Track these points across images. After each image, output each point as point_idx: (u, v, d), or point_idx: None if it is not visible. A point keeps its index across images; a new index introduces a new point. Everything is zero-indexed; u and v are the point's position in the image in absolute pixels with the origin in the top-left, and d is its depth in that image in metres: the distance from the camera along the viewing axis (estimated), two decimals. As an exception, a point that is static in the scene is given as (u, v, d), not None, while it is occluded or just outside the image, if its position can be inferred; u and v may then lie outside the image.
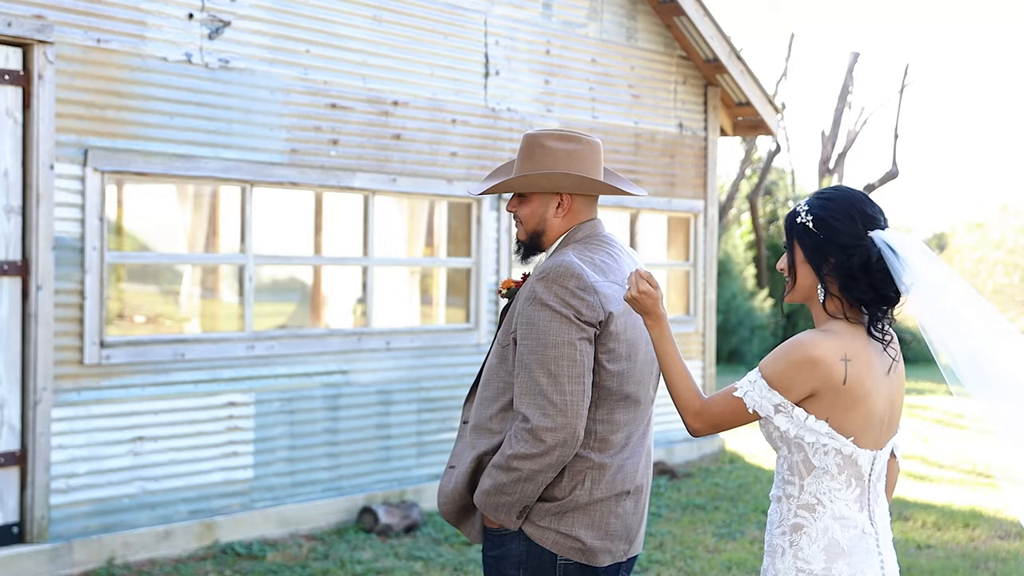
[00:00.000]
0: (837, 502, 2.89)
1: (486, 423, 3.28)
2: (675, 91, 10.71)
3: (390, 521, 8.00)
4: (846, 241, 2.87)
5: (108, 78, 7.05)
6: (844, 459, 2.87)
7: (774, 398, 2.84)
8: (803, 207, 2.94)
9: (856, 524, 2.91)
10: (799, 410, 2.85)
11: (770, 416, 2.86)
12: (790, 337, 3.19)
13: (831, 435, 2.85)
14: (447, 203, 9.23)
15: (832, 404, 2.83)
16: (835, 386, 2.82)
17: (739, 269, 22.96)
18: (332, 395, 8.21)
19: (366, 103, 8.36)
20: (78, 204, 6.92)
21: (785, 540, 2.91)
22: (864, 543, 2.91)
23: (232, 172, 7.62)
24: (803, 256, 2.93)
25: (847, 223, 2.88)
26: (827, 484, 2.89)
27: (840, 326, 2.90)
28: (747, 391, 2.86)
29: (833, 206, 2.90)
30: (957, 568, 7.32)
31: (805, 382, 2.82)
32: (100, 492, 7.07)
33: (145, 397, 7.24)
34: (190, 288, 9.46)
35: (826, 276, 2.90)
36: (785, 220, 3.00)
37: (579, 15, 9.83)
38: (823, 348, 2.82)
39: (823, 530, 2.88)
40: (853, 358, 2.84)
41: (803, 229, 2.92)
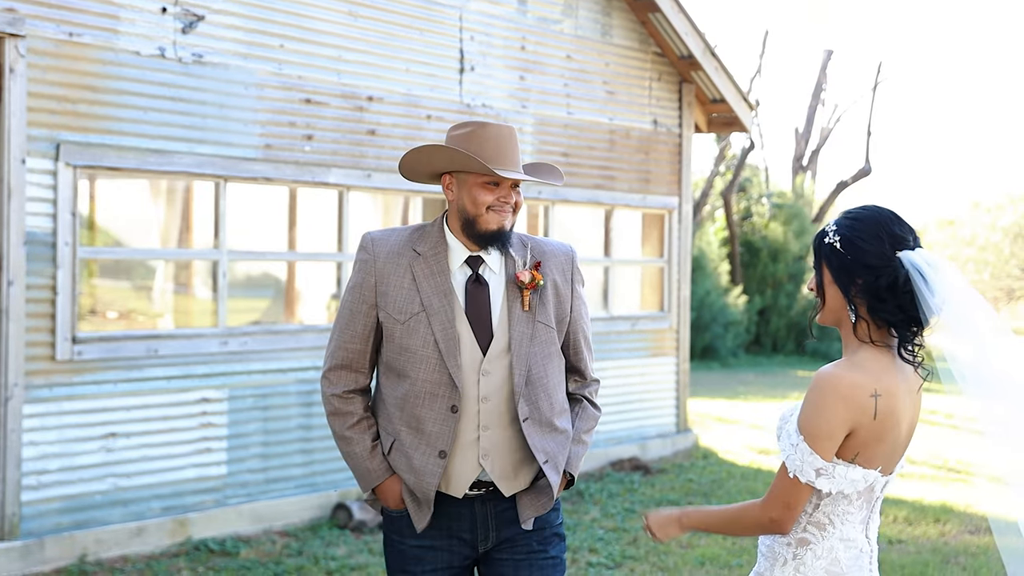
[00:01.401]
0: (847, 524, 2.90)
1: (560, 410, 3.57)
2: (650, 88, 10.73)
3: (364, 517, 7.99)
4: (873, 262, 2.82)
5: (81, 72, 7.00)
6: (865, 486, 2.88)
7: (815, 462, 2.80)
8: (831, 227, 2.89)
9: (857, 544, 2.92)
10: (840, 467, 2.82)
11: (812, 481, 2.81)
12: (765, 336, 3.18)
13: (864, 475, 2.85)
14: (422, 199, 9.21)
15: (865, 439, 2.81)
16: (867, 422, 2.79)
17: (713, 266, 23.04)
18: (306, 391, 8.19)
19: (341, 98, 8.33)
20: (50, 199, 6.87)
21: (789, 551, 2.91)
22: (860, 562, 2.93)
23: (206, 167, 7.59)
24: (831, 277, 2.88)
25: (874, 243, 2.83)
26: (843, 507, 2.88)
27: (867, 355, 2.85)
28: (790, 455, 2.82)
29: (860, 226, 2.86)
30: (928, 563, 7.37)
31: (841, 422, 2.78)
32: (72, 489, 7.02)
33: (117, 393, 7.20)
34: (163, 284, 9.42)
35: (854, 297, 2.85)
36: (814, 240, 2.96)
37: (554, 11, 9.83)
38: (851, 384, 2.78)
39: (828, 549, 2.88)
40: (883, 392, 2.80)
41: (830, 250, 2.88)
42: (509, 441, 3.46)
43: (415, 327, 3.43)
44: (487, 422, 3.44)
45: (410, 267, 3.49)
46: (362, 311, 3.50)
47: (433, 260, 3.50)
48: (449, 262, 3.51)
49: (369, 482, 3.51)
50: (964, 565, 7.36)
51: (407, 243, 3.53)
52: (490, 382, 3.45)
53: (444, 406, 3.42)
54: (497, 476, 3.46)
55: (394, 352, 3.47)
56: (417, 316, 3.45)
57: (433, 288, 3.47)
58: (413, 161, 3.53)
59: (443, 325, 3.43)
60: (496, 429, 3.45)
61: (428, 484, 3.43)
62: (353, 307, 3.51)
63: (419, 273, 3.48)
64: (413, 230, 3.59)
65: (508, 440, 3.46)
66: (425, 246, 3.52)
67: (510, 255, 3.55)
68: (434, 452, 3.42)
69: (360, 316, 3.50)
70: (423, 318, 3.44)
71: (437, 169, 3.53)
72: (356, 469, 3.55)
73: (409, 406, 3.45)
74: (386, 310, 3.48)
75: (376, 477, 3.50)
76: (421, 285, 3.47)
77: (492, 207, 3.46)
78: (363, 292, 3.50)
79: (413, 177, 3.61)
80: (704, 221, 25.44)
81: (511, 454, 3.47)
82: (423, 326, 3.43)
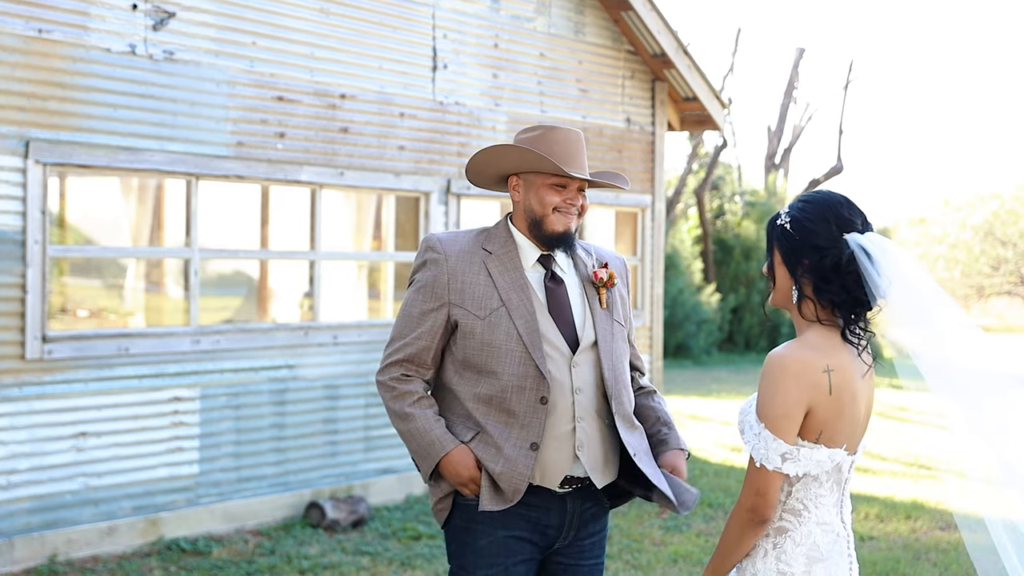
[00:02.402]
0: (821, 508, 2.92)
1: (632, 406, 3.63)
2: (623, 86, 10.74)
3: (337, 516, 7.97)
4: (820, 242, 2.89)
5: (50, 69, 6.95)
6: (833, 467, 2.91)
7: (779, 447, 2.83)
8: (784, 210, 2.98)
9: (833, 528, 2.95)
10: (804, 449, 2.84)
11: (779, 467, 2.84)
12: (738, 333, 3.21)
13: (830, 455, 2.87)
14: (395, 197, 9.20)
15: (824, 417, 2.84)
16: (824, 398, 2.83)
17: (686, 264, 23.10)
18: (279, 390, 8.16)
19: (313, 96, 8.31)
20: (19, 197, 6.82)
21: (768, 542, 2.92)
22: (838, 546, 2.96)
23: (177, 165, 7.54)
24: (780, 258, 2.96)
25: (822, 225, 2.90)
26: (814, 491, 2.91)
27: (816, 333, 2.90)
28: (753, 445, 2.85)
29: (810, 208, 2.93)
30: (899, 559, 7.42)
31: (798, 401, 2.81)
32: (42, 488, 6.97)
33: (88, 392, 7.15)
34: (134, 282, 9.36)
35: (800, 278, 2.92)
36: (767, 224, 3.03)
37: (527, 9, 9.83)
38: (801, 362, 2.82)
39: (807, 535, 2.91)
40: (835, 368, 2.85)
41: (781, 231, 2.95)
42: (599, 433, 3.53)
43: (497, 322, 3.45)
44: (581, 414, 3.49)
45: (484, 264, 3.52)
46: (433, 308, 3.50)
47: (505, 258, 3.54)
48: (521, 260, 3.56)
49: (437, 452, 3.44)
50: (935, 561, 7.41)
51: (475, 243, 3.57)
52: (580, 375, 3.50)
53: (533, 398, 3.44)
54: (591, 468, 3.49)
55: (474, 348, 3.47)
56: (497, 311, 3.47)
57: (509, 284, 3.50)
58: (482, 163, 3.58)
59: (525, 319, 3.46)
60: (589, 421, 3.50)
61: (520, 474, 3.41)
62: (424, 305, 3.51)
63: (493, 270, 3.52)
64: (478, 232, 3.63)
65: (598, 432, 3.52)
66: (495, 245, 3.56)
67: (577, 256, 3.64)
68: (526, 444, 3.43)
69: (431, 314, 3.50)
70: (503, 313, 3.46)
71: (505, 170, 3.57)
72: (420, 444, 3.47)
73: (497, 401, 3.45)
74: (464, 307, 3.48)
75: (443, 446, 3.43)
76: (497, 281, 3.50)
77: (558, 208, 3.51)
78: (435, 290, 3.50)
79: (479, 181, 3.66)
80: (677, 219, 25.51)
81: (601, 446, 3.53)
82: (505, 320, 3.45)
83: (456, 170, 9.24)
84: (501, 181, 3.64)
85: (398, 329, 3.54)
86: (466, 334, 3.47)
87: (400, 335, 3.53)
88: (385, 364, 3.54)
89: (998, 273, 30.08)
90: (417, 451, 3.48)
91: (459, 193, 9.26)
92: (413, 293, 3.54)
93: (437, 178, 9.12)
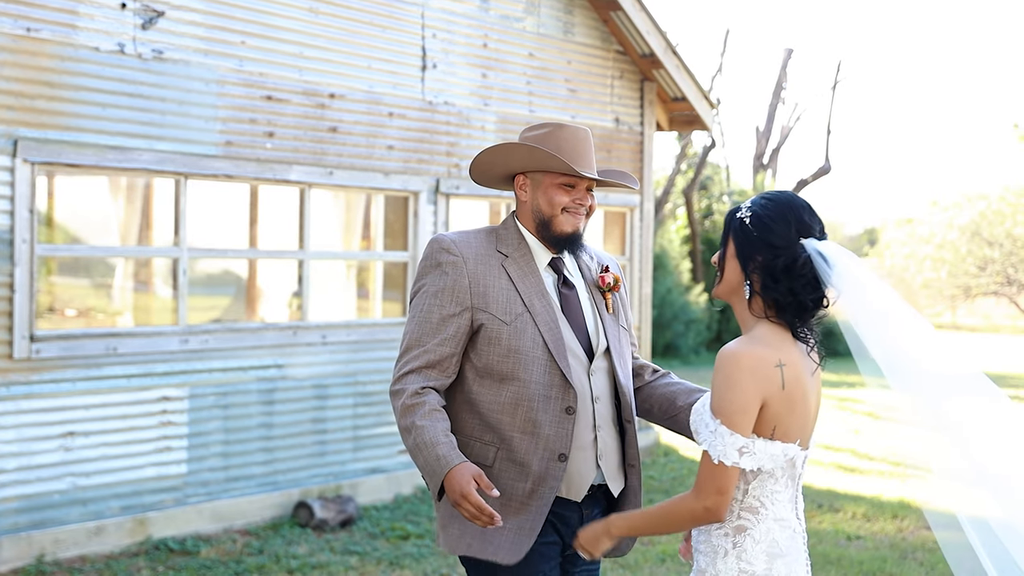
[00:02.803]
0: (777, 504, 2.94)
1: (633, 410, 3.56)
2: (612, 86, 10.76)
3: (326, 516, 7.97)
4: (777, 242, 2.91)
5: (38, 68, 6.93)
6: (787, 462, 2.93)
7: (736, 441, 2.84)
8: (746, 204, 2.98)
9: (790, 524, 2.97)
10: (759, 442, 2.86)
11: (736, 462, 2.85)
12: (726, 333, 3.24)
13: (784, 450, 2.90)
14: (384, 196, 9.20)
15: (777, 411, 2.86)
16: (777, 392, 2.85)
17: (674, 263, 23.13)
18: (267, 389, 8.15)
19: (302, 95, 8.30)
20: (7, 196, 6.81)
21: (728, 541, 2.93)
22: (796, 542, 2.98)
23: (166, 164, 7.54)
24: (734, 251, 2.96)
25: (781, 225, 2.92)
26: (770, 487, 2.93)
27: (765, 329, 2.93)
28: (710, 442, 2.86)
29: (773, 207, 2.94)
30: (886, 558, 7.44)
31: (753, 396, 2.83)
32: (29, 488, 6.96)
33: (76, 392, 7.14)
34: (122, 281, 9.34)
35: (751, 273, 2.94)
36: (726, 215, 3.04)
37: (516, 9, 9.83)
38: (754, 357, 2.84)
39: (766, 532, 2.92)
40: (787, 363, 2.88)
41: (740, 225, 2.96)
42: (615, 441, 3.47)
43: (522, 328, 3.34)
44: (600, 422, 3.43)
45: (503, 268, 3.41)
46: (455, 313, 3.35)
47: (522, 261, 3.44)
48: (536, 263, 3.46)
49: (443, 467, 3.19)
50: (922, 561, 7.44)
51: (489, 244, 3.45)
52: (597, 383, 3.43)
53: (558, 408, 3.33)
54: (609, 476, 3.44)
55: (499, 355, 3.34)
56: (522, 316, 3.35)
57: (531, 288, 3.40)
58: (488, 162, 3.49)
59: (548, 326, 3.36)
60: (606, 429, 3.44)
61: (550, 488, 3.31)
62: (443, 310, 3.35)
63: (513, 274, 3.40)
64: (487, 232, 3.51)
65: (614, 440, 3.47)
66: (508, 247, 3.45)
67: (582, 259, 3.56)
68: (553, 456, 3.31)
69: (453, 319, 3.34)
70: (528, 319, 3.35)
71: (512, 169, 3.48)
72: (427, 458, 3.23)
73: (523, 410, 3.32)
74: (489, 311, 3.35)
75: (449, 460, 3.19)
76: (519, 285, 3.39)
77: (567, 208, 3.42)
78: (456, 294, 3.36)
79: (484, 180, 3.57)
80: (666, 219, 25.54)
81: (616, 453, 3.48)
82: (530, 327, 3.34)
83: (445, 170, 9.24)
84: (506, 180, 3.55)
85: (415, 336, 3.36)
86: (491, 340, 3.34)
87: (418, 342, 3.35)
88: (403, 372, 3.34)
89: (985, 273, 30.18)
90: (424, 467, 3.27)
91: (448, 193, 9.26)
92: (430, 298, 3.37)
93: (426, 178, 9.12)
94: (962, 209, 30.61)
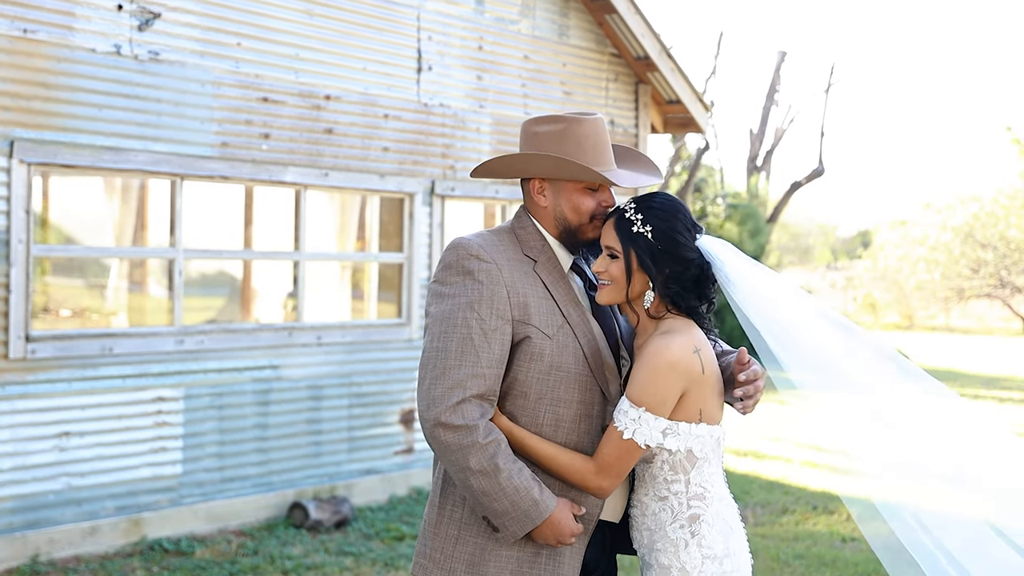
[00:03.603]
0: (717, 485, 3.07)
1: None
2: (606, 88, 10.78)
3: (320, 516, 7.99)
4: (687, 255, 3.00)
5: (35, 69, 6.94)
6: (714, 443, 3.05)
7: (660, 424, 2.95)
8: (637, 215, 3.00)
9: (730, 500, 3.12)
10: (683, 424, 2.98)
11: (661, 444, 2.97)
12: (720, 334, 3.29)
13: (710, 431, 3.02)
14: (379, 198, 9.21)
15: (699, 395, 2.99)
16: (697, 378, 2.98)
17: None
18: (262, 390, 8.17)
19: (298, 97, 8.32)
20: (4, 196, 6.82)
21: (686, 532, 3.02)
22: (737, 517, 3.12)
23: (162, 165, 7.55)
24: (637, 263, 3.01)
25: (686, 236, 3.02)
26: (707, 471, 3.05)
27: (672, 321, 3.05)
28: (635, 429, 2.94)
29: (669, 217, 3.01)
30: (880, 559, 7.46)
31: (675, 387, 2.95)
32: (24, 488, 6.97)
33: (72, 392, 7.15)
34: (117, 282, 9.35)
35: (657, 284, 3.01)
36: (616, 223, 3.02)
37: (512, 11, 9.85)
38: (676, 348, 2.95)
39: (716, 514, 3.04)
40: (701, 345, 3.01)
41: (642, 239, 2.99)
42: None
43: (564, 342, 3.03)
44: None
45: (537, 274, 3.08)
46: (497, 328, 2.97)
47: (549, 265, 3.11)
48: (562, 267, 3.15)
49: (542, 512, 2.94)
50: (914, 562, 7.46)
51: (515, 248, 3.11)
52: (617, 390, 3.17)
53: (597, 427, 3.09)
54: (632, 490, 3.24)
55: (540, 373, 3.01)
56: (562, 329, 3.04)
57: (564, 296, 3.09)
58: (504, 169, 3.18)
59: (587, 338, 3.07)
60: None
61: (592, 515, 3.08)
62: (484, 325, 2.96)
63: (547, 280, 3.08)
64: (507, 233, 3.16)
65: None
66: (533, 251, 3.12)
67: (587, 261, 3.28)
68: (553, 498, 3.00)
69: (496, 335, 2.97)
70: (568, 331, 3.05)
71: (531, 175, 3.14)
72: (513, 503, 2.92)
73: (563, 432, 3.04)
74: (531, 323, 3.00)
75: (547, 507, 2.95)
76: (553, 293, 3.07)
77: (596, 215, 3.12)
78: (495, 306, 2.98)
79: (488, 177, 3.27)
80: (660, 221, 25.53)
81: None
82: (571, 340, 3.04)
83: (440, 171, 9.26)
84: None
85: (456, 357, 2.93)
86: (533, 356, 3.00)
87: (461, 363, 2.93)
88: (456, 401, 2.90)
89: (978, 275, 30.24)
90: (505, 511, 2.93)
91: (443, 194, 9.28)
92: (465, 310, 2.96)
93: (421, 179, 9.14)
94: (955, 211, 30.67)
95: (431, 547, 3.11)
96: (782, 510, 8.75)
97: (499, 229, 3.18)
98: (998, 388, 17.75)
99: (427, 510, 3.18)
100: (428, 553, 3.12)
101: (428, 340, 3.01)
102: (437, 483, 3.15)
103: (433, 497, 3.16)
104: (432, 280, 3.10)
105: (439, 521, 3.12)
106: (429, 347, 2.99)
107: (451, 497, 3.11)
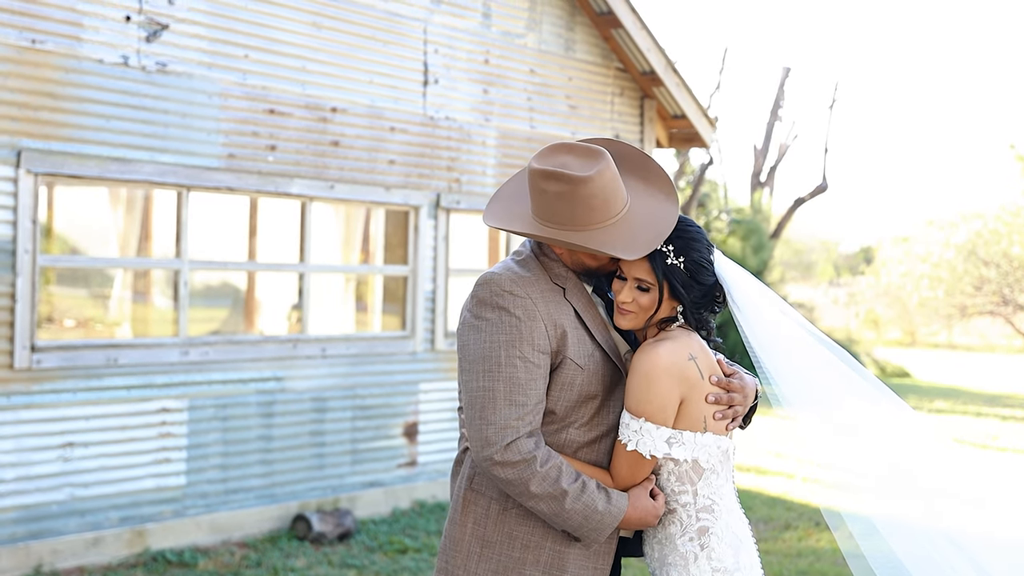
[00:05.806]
0: (726, 497, 3.05)
1: None
2: (612, 103, 10.80)
3: (323, 529, 7.97)
4: (708, 280, 3.05)
5: (42, 79, 6.96)
6: (722, 454, 3.04)
7: (663, 433, 2.95)
8: (669, 247, 3.01)
9: (740, 512, 3.10)
10: (688, 435, 2.98)
11: (668, 453, 2.97)
12: (723, 349, 3.31)
13: (717, 442, 3.02)
14: (384, 210, 9.22)
15: (701, 403, 2.99)
16: (696, 384, 2.98)
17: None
18: (266, 402, 8.16)
19: (305, 109, 8.33)
20: (10, 206, 6.83)
21: (695, 545, 3.01)
22: (748, 529, 3.10)
23: (168, 176, 7.56)
24: (669, 292, 3.03)
25: (709, 260, 3.06)
26: (715, 483, 3.04)
27: (672, 332, 3.06)
28: (638, 440, 2.96)
29: (699, 247, 3.04)
30: None
31: (671, 393, 2.95)
32: (28, 499, 6.96)
33: (76, 402, 7.15)
34: (121, 292, 9.36)
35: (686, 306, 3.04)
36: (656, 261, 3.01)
37: (518, 25, 9.88)
38: (665, 353, 2.96)
39: (726, 526, 3.02)
40: (698, 353, 3.01)
41: (675, 270, 3.02)
42: None
43: (596, 369, 3.03)
44: None
45: (568, 301, 3.06)
46: (541, 364, 2.97)
47: (578, 292, 3.09)
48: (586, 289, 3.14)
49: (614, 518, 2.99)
50: (918, 579, 7.45)
51: (543, 276, 3.07)
52: None
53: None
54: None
55: (571, 402, 3.03)
56: (592, 356, 3.04)
57: (595, 322, 3.08)
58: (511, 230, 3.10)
59: (616, 363, 3.10)
60: None
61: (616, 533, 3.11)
62: (528, 363, 2.95)
63: (577, 307, 3.07)
64: (531, 262, 3.11)
65: None
66: (561, 278, 3.09)
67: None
68: (622, 497, 3.02)
69: (540, 371, 2.96)
70: (599, 358, 3.05)
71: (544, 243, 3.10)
72: (591, 518, 2.98)
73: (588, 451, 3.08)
74: (567, 355, 3.00)
75: (619, 506, 3.00)
76: (585, 320, 3.06)
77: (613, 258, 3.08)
78: (535, 342, 2.96)
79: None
80: (663, 235, 25.53)
81: None
82: (601, 367, 3.05)
83: (446, 184, 9.27)
84: None
85: (505, 396, 2.93)
86: (564, 384, 3.02)
87: (510, 402, 2.93)
88: (510, 440, 2.92)
89: (981, 293, 30.22)
90: (579, 525, 2.98)
91: (448, 207, 9.29)
92: (508, 349, 2.95)
93: (427, 192, 9.15)
94: (958, 228, 30.66)
95: (453, 564, 3.12)
96: (785, 526, 8.73)
97: (524, 259, 3.13)
98: (1000, 406, 17.73)
99: (447, 526, 3.18)
100: (450, 570, 3.12)
101: (472, 378, 2.99)
102: (457, 499, 3.14)
103: (453, 514, 3.14)
104: (465, 310, 3.07)
105: (460, 538, 3.11)
106: (476, 386, 2.98)
107: (472, 513, 3.10)
